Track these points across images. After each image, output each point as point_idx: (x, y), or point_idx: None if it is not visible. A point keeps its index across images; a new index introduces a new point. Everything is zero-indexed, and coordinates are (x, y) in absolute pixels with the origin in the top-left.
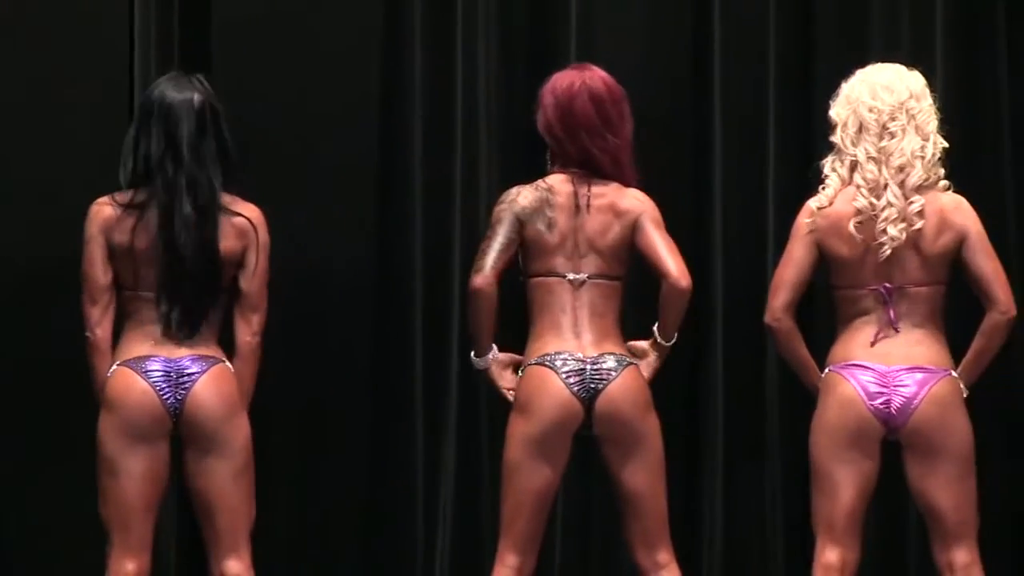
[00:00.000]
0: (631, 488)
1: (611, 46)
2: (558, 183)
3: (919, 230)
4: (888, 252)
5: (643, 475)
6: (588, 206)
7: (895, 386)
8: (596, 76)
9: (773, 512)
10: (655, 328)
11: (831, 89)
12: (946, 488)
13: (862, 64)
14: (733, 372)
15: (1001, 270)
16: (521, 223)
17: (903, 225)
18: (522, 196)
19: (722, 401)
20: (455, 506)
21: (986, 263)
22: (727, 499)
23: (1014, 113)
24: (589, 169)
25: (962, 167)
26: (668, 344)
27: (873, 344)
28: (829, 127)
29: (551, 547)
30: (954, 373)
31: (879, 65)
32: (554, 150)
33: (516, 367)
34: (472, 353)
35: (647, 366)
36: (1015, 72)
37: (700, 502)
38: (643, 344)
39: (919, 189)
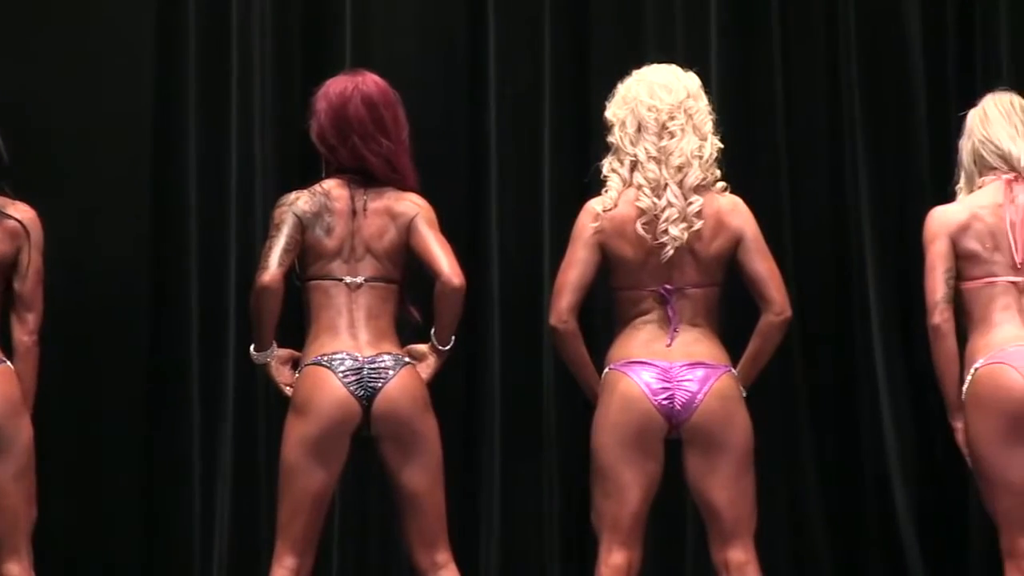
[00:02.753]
0: (409, 488)
1: (386, 50)
2: (335, 188)
3: (697, 232)
4: (670, 253)
5: (421, 475)
6: (365, 210)
7: (678, 382)
8: (369, 81)
9: (550, 512)
10: (432, 331)
11: (607, 90)
12: (725, 486)
13: (638, 64)
14: (510, 372)
15: (776, 271)
16: (303, 226)
17: (684, 225)
18: (301, 200)
19: (499, 401)
20: (232, 506)
21: (761, 264)
22: (504, 499)
23: (788, 114)
24: (363, 174)
25: (738, 168)
26: (446, 348)
27: (669, 345)
28: (606, 128)
29: (328, 548)
30: (733, 370)
31: (656, 65)
32: (327, 156)
33: (295, 363)
34: (252, 347)
35: (425, 368)
36: (789, 73)
37: (478, 502)
38: (422, 347)
39: (697, 189)
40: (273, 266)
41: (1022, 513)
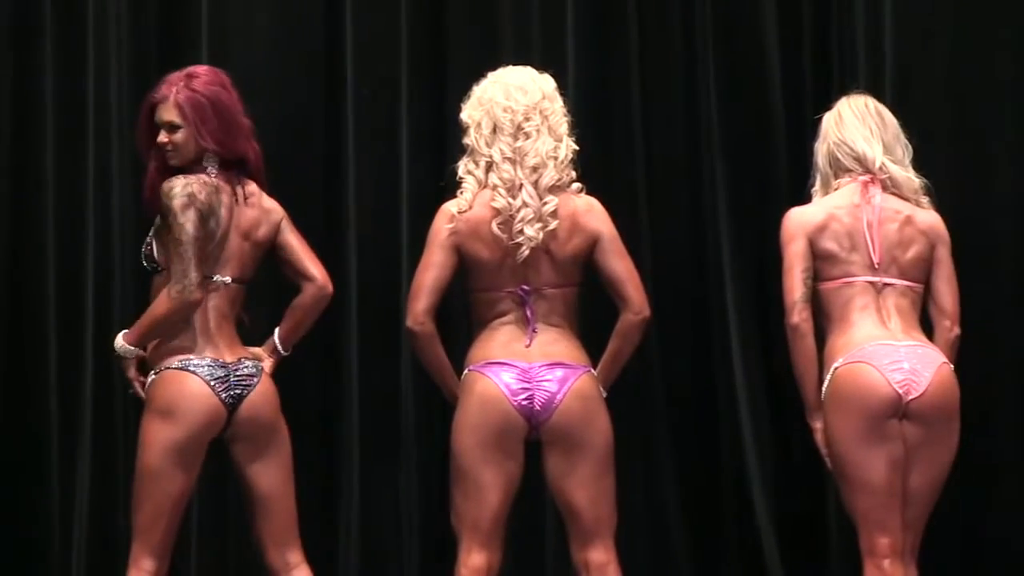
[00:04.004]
0: (263, 489)
1: (243, 49)
2: (220, 180)
3: (553, 232)
4: (526, 253)
5: (275, 476)
6: (245, 200)
7: (538, 382)
8: (209, 71)
9: (409, 513)
10: (275, 333)
11: (464, 91)
12: (585, 486)
13: (495, 66)
14: (368, 374)
15: (634, 271)
16: (203, 220)
17: (539, 225)
18: (197, 189)
19: (357, 403)
20: (91, 506)
21: (619, 265)
22: (363, 500)
23: (645, 115)
24: (237, 165)
25: (595, 169)
26: (287, 354)
27: (528, 345)
28: (461, 129)
29: (187, 550)
30: (593, 371)
31: (511, 67)
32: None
33: (141, 363)
34: (122, 336)
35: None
36: (645, 75)
37: (337, 503)
38: (258, 350)
39: (552, 189)
40: (198, 281)
41: (881, 513)
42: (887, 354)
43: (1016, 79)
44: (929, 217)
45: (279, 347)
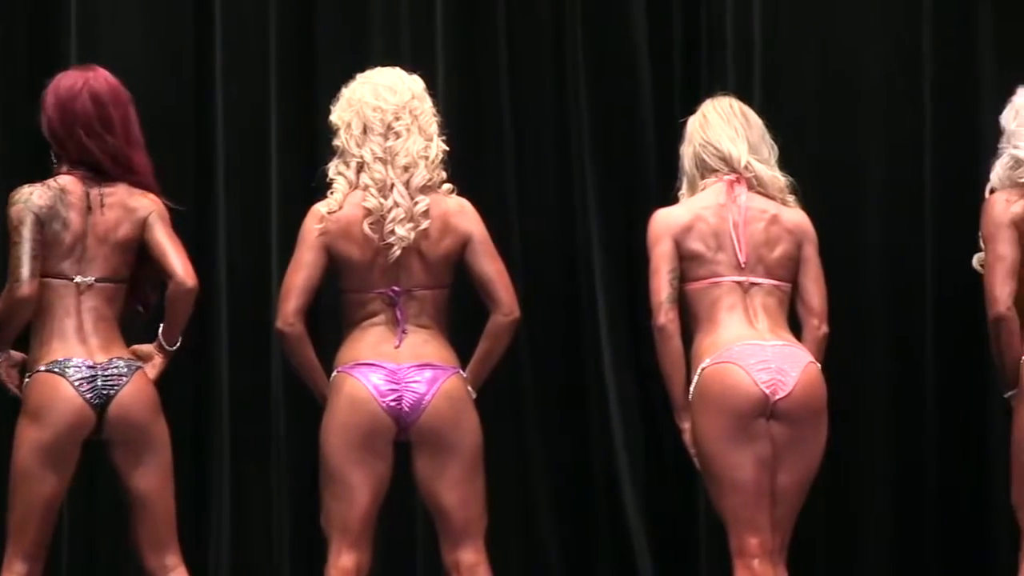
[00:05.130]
0: (141, 491)
1: (111, 50)
2: (70, 184)
3: (424, 233)
4: (398, 253)
5: (152, 478)
6: (101, 206)
7: (406, 383)
8: (100, 77)
9: (280, 514)
10: (160, 330)
11: (333, 92)
12: (455, 487)
13: (363, 67)
14: (238, 375)
15: (504, 272)
16: (41, 223)
17: (411, 225)
18: (36, 195)
19: (228, 404)
20: None
21: (489, 266)
22: (234, 501)
23: (515, 116)
24: (92, 169)
25: (466, 170)
26: (173, 348)
27: (397, 346)
28: (331, 131)
29: (58, 553)
30: (462, 372)
31: (380, 68)
32: (58, 150)
33: (23, 366)
34: None
35: (152, 368)
36: (515, 75)
37: (207, 505)
38: (148, 347)
39: (423, 189)
40: (26, 277)
41: (750, 512)
42: (754, 354)
43: (885, 78)
44: (796, 216)
45: (163, 343)
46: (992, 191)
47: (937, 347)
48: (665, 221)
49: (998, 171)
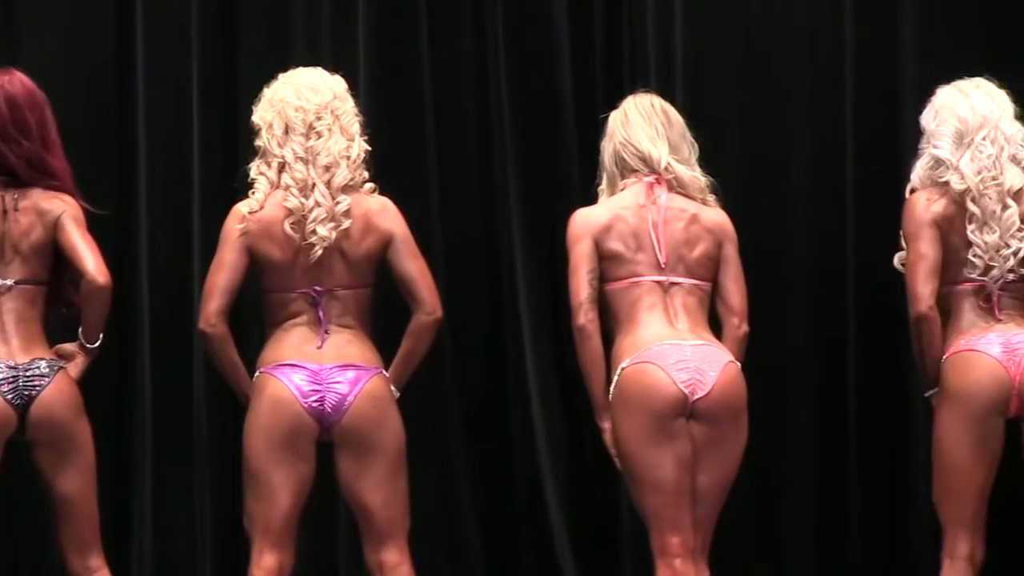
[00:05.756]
0: (63, 493)
1: (32, 51)
2: None
3: (346, 232)
4: (319, 253)
5: (76, 479)
6: (16, 210)
7: (329, 384)
8: (16, 81)
9: (202, 514)
10: (79, 330)
11: (255, 92)
12: (378, 487)
13: (284, 68)
14: (160, 376)
15: (427, 272)
16: None
17: (332, 225)
18: None
19: (150, 405)
20: None
21: (411, 265)
22: (156, 502)
23: (437, 116)
24: (7, 174)
25: (388, 170)
26: (94, 346)
27: (320, 347)
28: (253, 131)
29: None
30: (385, 372)
31: (301, 68)
32: None
33: None
34: None
35: (75, 367)
36: (437, 74)
37: (130, 505)
38: (70, 346)
39: (345, 189)
40: None
41: (672, 512)
42: (673, 353)
43: (807, 77)
44: (716, 215)
45: (83, 342)
46: (912, 191)
47: (859, 346)
48: (584, 221)
49: (919, 171)
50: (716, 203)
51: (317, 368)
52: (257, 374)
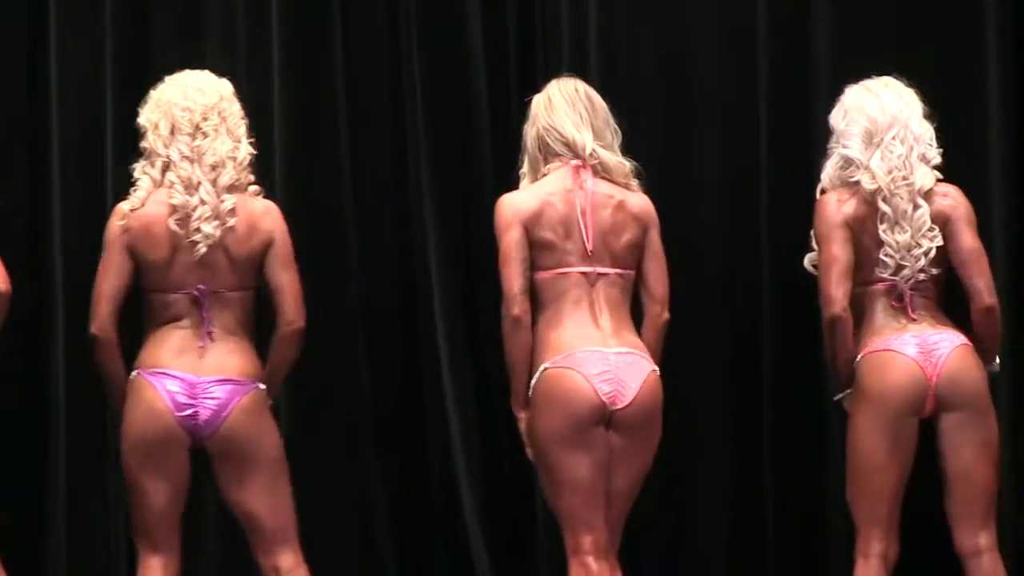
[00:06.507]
0: None
1: None
2: None
3: (232, 232)
4: (203, 251)
5: None
6: None
7: (204, 397)
8: None
9: (116, 518)
10: None
11: None
12: (263, 496)
13: (200, 66)
14: (73, 378)
15: (296, 283)
16: None
17: (217, 223)
18: None
19: (63, 408)
20: None
21: (283, 276)
22: (71, 503)
23: (351, 115)
24: None
25: (300, 170)
26: None
27: (202, 351)
28: (139, 133)
29: None
30: (261, 385)
31: (188, 71)
32: None
33: None
34: None
35: None
36: (350, 72)
37: (43, 504)
38: None
39: (230, 189)
40: None
41: (585, 512)
42: (597, 363)
43: (720, 75)
44: (641, 201)
45: None
46: (823, 191)
47: (772, 347)
48: (513, 208)
49: (829, 171)
50: (639, 188)
51: (194, 380)
52: (134, 374)
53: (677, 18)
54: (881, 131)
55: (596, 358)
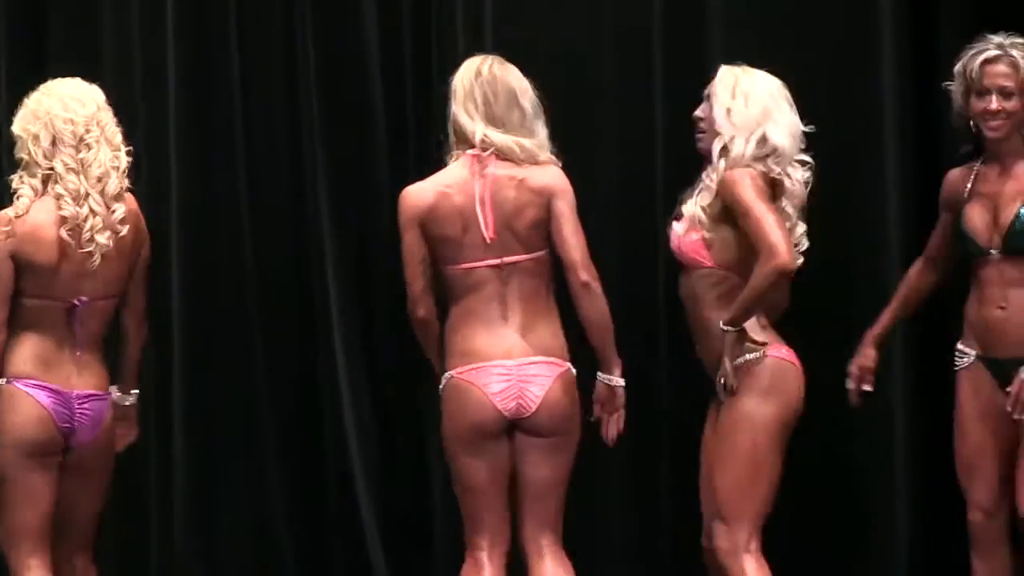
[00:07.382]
0: None
1: None
2: None
3: (121, 240)
4: (98, 261)
5: None
6: None
7: (75, 411)
8: None
9: None
10: None
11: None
12: (94, 502)
13: (94, 71)
14: None
15: (143, 298)
16: None
17: (109, 233)
18: None
19: None
20: None
21: (138, 289)
22: None
23: (246, 110)
24: None
25: (195, 168)
26: None
27: (78, 355)
28: (14, 142)
29: None
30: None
31: (61, 79)
32: None
33: None
34: None
35: None
36: (245, 68)
37: None
38: None
39: (116, 198)
40: None
41: (482, 513)
42: (498, 380)
43: (617, 73)
44: (543, 175)
45: None
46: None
47: (670, 344)
48: (411, 205)
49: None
50: (550, 160)
51: (68, 392)
52: (3, 382)
53: (573, 17)
54: None
55: (496, 375)
